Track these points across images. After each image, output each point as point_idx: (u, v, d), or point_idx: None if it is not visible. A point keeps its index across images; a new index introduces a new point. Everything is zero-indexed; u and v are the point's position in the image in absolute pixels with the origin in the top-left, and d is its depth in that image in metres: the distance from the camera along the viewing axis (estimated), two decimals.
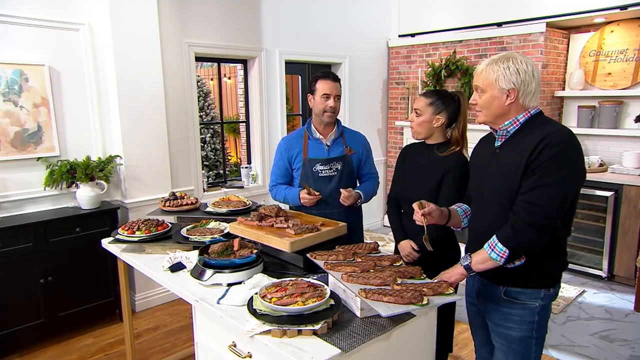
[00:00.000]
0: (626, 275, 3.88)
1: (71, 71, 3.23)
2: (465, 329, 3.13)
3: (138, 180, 3.45)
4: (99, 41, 3.29)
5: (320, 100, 2.39)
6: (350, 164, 2.49)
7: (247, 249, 1.87)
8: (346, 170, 2.47)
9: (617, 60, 4.18)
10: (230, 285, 1.71)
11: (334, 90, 2.39)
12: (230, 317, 1.49)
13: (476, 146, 1.82)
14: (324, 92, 2.38)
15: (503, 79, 1.51)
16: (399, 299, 1.40)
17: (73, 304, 3.10)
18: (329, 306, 1.45)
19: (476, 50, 4.67)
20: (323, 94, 2.38)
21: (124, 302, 2.49)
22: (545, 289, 1.57)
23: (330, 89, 2.38)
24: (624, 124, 4.18)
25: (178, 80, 3.72)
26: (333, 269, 1.64)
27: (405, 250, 2.11)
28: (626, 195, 3.81)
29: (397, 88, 5.47)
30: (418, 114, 2.08)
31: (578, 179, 1.47)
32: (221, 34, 3.96)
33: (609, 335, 3.11)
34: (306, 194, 2.34)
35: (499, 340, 1.66)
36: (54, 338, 3.09)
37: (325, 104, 2.38)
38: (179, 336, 3.15)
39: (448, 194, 2.01)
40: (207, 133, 6.39)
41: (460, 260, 1.60)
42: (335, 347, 1.30)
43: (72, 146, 3.29)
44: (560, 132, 1.45)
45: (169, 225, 2.31)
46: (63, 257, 3.04)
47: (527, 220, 1.43)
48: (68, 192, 3.25)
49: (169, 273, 1.89)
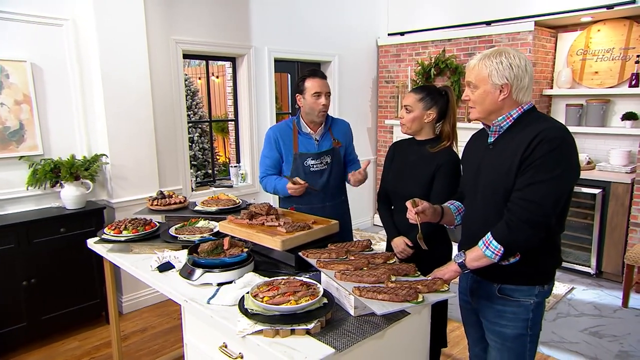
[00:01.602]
0: (614, 272, 3.93)
1: (54, 68, 3.14)
2: (456, 326, 3.12)
3: (125, 179, 3.37)
4: (84, 37, 3.21)
5: (312, 99, 2.35)
6: (338, 156, 2.52)
7: (238, 248, 1.83)
8: (335, 163, 2.50)
9: (603, 59, 4.23)
10: (220, 284, 1.66)
11: (324, 87, 2.36)
12: (221, 317, 1.44)
13: (468, 142, 1.80)
14: (314, 90, 2.34)
15: (496, 74, 1.49)
16: (393, 297, 1.37)
17: (57, 306, 3.02)
18: (322, 305, 1.42)
19: (465, 48, 4.68)
20: (314, 93, 2.34)
21: (111, 303, 2.42)
22: (539, 286, 1.56)
23: (321, 86, 2.35)
24: (610, 122, 4.23)
25: (165, 77, 3.66)
26: (326, 267, 1.61)
27: (399, 247, 2.09)
28: (614, 193, 3.85)
29: (386, 87, 5.46)
30: (408, 110, 2.07)
31: (573, 175, 1.46)
32: (209, 31, 3.90)
33: (598, 331, 3.13)
34: (292, 184, 2.32)
35: (493, 338, 1.64)
36: (37, 342, 3.00)
37: (317, 103, 2.35)
38: (168, 338, 3.09)
39: (440, 191, 2.00)
40: (195, 132, 6.32)
41: (454, 257, 1.58)
42: (329, 346, 1.27)
43: (56, 145, 3.20)
44: (555, 128, 1.43)
45: (157, 225, 2.26)
46: (47, 258, 2.96)
47: (522, 217, 1.41)
48: (52, 192, 3.16)
49: (157, 273, 1.84)
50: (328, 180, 2.44)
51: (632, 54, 4.03)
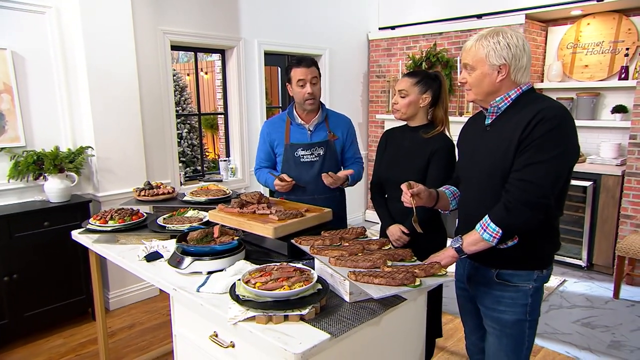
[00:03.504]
0: (605, 264, 3.94)
1: (37, 57, 3.04)
2: (450, 319, 3.10)
3: (111, 172, 3.29)
4: (67, 26, 3.11)
5: (298, 89, 2.30)
6: (333, 149, 2.42)
7: (228, 237, 1.78)
8: (329, 156, 2.40)
9: (593, 52, 4.24)
10: (210, 273, 1.61)
11: (308, 74, 2.28)
12: (211, 305, 1.39)
13: (464, 127, 1.76)
14: (298, 77, 2.28)
15: (494, 54, 1.45)
16: (390, 281, 1.33)
17: (41, 303, 2.93)
18: (316, 291, 1.37)
19: (456, 42, 4.67)
20: (298, 80, 2.29)
21: (97, 298, 2.35)
22: (538, 270, 1.52)
23: (304, 73, 2.28)
24: (601, 115, 4.25)
25: (153, 69, 3.57)
26: (320, 253, 1.56)
27: (394, 234, 2.05)
28: (604, 185, 3.86)
29: (377, 81, 5.43)
30: (404, 95, 2.03)
31: (573, 155, 1.42)
32: (198, 22, 3.82)
33: (590, 322, 3.13)
34: (278, 181, 2.28)
35: (492, 324, 1.61)
36: (19, 340, 2.90)
37: (303, 91, 2.29)
38: (156, 334, 3.01)
39: (435, 176, 1.97)
40: (184, 128, 6.21)
41: (451, 242, 1.55)
42: (325, 332, 1.22)
43: (39, 136, 3.10)
44: (554, 107, 1.40)
45: (145, 215, 2.19)
46: (30, 253, 2.86)
47: (520, 198, 1.38)
48: (35, 185, 3.06)
49: (144, 263, 1.77)
50: (319, 172, 2.35)
51: (622, 47, 4.05)
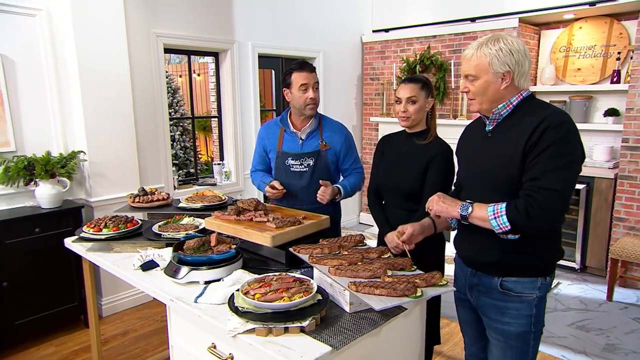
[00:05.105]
0: (598, 267, 3.97)
1: (27, 60, 2.99)
2: (446, 323, 3.10)
3: (104, 177, 3.24)
4: (59, 29, 3.06)
5: (299, 93, 2.24)
6: (324, 160, 2.32)
7: (226, 245, 1.75)
8: (319, 167, 2.31)
9: (585, 56, 4.27)
10: (207, 283, 1.58)
11: (311, 79, 2.25)
12: (210, 317, 1.37)
13: (462, 134, 1.75)
14: (301, 82, 2.23)
15: (497, 61, 1.42)
16: (391, 292, 1.32)
17: (32, 311, 2.87)
18: (316, 301, 1.36)
19: (450, 45, 4.68)
20: (301, 85, 2.23)
21: (90, 306, 2.31)
22: (542, 278, 1.51)
23: (307, 78, 2.24)
24: (593, 118, 4.28)
25: (146, 72, 3.53)
26: (319, 262, 1.54)
27: (392, 242, 2.02)
28: (597, 188, 3.89)
29: (371, 84, 5.43)
30: (414, 101, 1.98)
31: (582, 160, 1.43)
32: (191, 25, 3.79)
33: (585, 325, 3.15)
34: (269, 188, 2.27)
35: (496, 336, 1.58)
36: (9, 348, 2.84)
37: (305, 96, 2.24)
38: (150, 341, 2.98)
39: (434, 181, 1.97)
40: (177, 131, 6.15)
41: (460, 208, 1.47)
42: (326, 344, 1.21)
43: (30, 141, 3.05)
44: (560, 113, 1.40)
45: (139, 222, 2.15)
46: (21, 260, 2.81)
47: (544, 205, 1.34)
48: (26, 191, 3.01)
49: (140, 272, 1.74)
50: (309, 183, 2.28)
51: (613, 51, 4.09)
